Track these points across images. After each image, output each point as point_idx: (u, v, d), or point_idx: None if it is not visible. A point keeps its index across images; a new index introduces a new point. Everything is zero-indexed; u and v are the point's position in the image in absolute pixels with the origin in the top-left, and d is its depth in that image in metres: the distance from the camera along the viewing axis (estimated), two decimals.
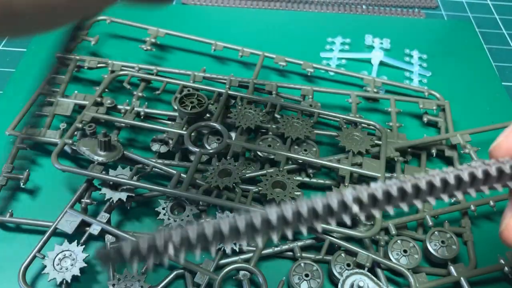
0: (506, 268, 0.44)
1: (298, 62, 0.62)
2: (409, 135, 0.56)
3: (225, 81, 0.58)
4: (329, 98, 0.60)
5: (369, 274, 0.41)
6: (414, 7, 0.78)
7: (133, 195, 0.46)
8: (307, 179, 0.50)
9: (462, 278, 0.43)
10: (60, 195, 0.49)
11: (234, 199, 0.45)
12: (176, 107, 0.52)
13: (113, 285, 0.40)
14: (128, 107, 0.53)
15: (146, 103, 0.54)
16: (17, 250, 0.45)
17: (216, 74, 0.59)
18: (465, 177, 0.26)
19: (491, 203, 0.48)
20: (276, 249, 0.44)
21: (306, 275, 0.42)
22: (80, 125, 0.50)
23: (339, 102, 0.60)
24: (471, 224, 0.49)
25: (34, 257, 0.41)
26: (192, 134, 0.50)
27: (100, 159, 0.46)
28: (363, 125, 0.53)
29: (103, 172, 0.46)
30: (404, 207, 0.26)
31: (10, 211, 0.46)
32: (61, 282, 0.40)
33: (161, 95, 0.56)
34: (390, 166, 0.52)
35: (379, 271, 0.43)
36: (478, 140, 0.57)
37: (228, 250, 0.42)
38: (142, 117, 0.53)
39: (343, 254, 0.44)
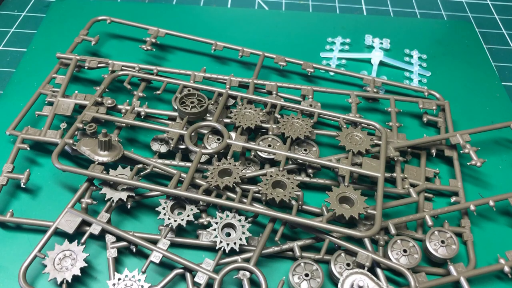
0: (506, 268, 0.44)
1: (298, 62, 0.62)
2: (409, 135, 0.56)
3: (225, 81, 0.58)
4: (329, 98, 0.60)
5: (369, 273, 0.41)
6: None
7: (133, 194, 0.46)
8: (307, 179, 0.50)
9: (461, 278, 0.43)
10: (60, 195, 0.49)
11: (234, 199, 0.45)
12: (176, 107, 0.52)
13: (113, 284, 0.40)
14: (128, 107, 0.54)
15: (146, 103, 0.54)
16: (18, 249, 0.45)
17: (216, 74, 0.59)
18: None
19: (491, 203, 0.48)
20: (276, 248, 0.44)
21: (306, 275, 0.42)
22: (80, 125, 0.50)
23: (339, 102, 0.61)
24: (471, 223, 0.49)
25: (35, 256, 0.41)
26: (192, 134, 0.50)
27: (101, 159, 0.47)
28: (363, 125, 0.53)
29: (104, 172, 0.46)
30: None
31: (10, 210, 0.46)
32: (62, 282, 0.40)
33: (161, 95, 0.57)
34: (390, 166, 0.52)
35: (379, 270, 0.43)
36: (478, 140, 0.58)
37: (228, 250, 0.42)
38: (142, 117, 0.54)
39: (343, 254, 0.44)
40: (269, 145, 0.51)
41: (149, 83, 0.58)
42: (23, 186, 0.48)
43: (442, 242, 0.45)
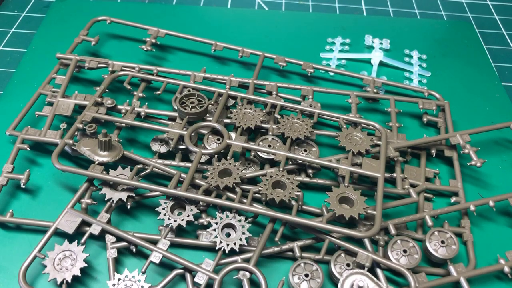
0: (506, 268, 0.44)
1: (298, 62, 0.62)
2: (409, 135, 0.56)
3: (225, 81, 0.58)
4: (329, 98, 0.60)
5: (369, 274, 0.41)
6: None
7: (133, 195, 0.46)
8: (307, 179, 0.50)
9: (461, 278, 0.43)
10: (60, 195, 0.49)
11: (234, 199, 0.45)
12: (176, 107, 0.52)
13: (113, 285, 0.40)
14: (128, 107, 0.54)
15: (146, 103, 0.54)
16: (17, 250, 0.45)
17: (216, 74, 0.59)
18: None
19: (491, 203, 0.48)
20: (276, 249, 0.44)
21: (306, 275, 0.42)
22: (80, 125, 0.50)
23: (339, 102, 0.61)
24: (471, 224, 0.49)
25: (35, 257, 0.41)
26: (192, 134, 0.50)
27: (101, 159, 0.47)
28: (363, 125, 0.53)
29: (103, 172, 0.46)
30: None
31: (10, 211, 0.46)
32: (61, 282, 0.40)
33: (161, 95, 0.57)
34: (390, 166, 0.52)
35: (378, 271, 0.43)
36: (478, 140, 0.58)
37: (227, 250, 0.42)
38: (142, 117, 0.54)
39: (343, 254, 0.44)
40: (269, 146, 0.51)
41: (149, 83, 0.58)
42: (23, 186, 0.48)
43: (442, 242, 0.45)
